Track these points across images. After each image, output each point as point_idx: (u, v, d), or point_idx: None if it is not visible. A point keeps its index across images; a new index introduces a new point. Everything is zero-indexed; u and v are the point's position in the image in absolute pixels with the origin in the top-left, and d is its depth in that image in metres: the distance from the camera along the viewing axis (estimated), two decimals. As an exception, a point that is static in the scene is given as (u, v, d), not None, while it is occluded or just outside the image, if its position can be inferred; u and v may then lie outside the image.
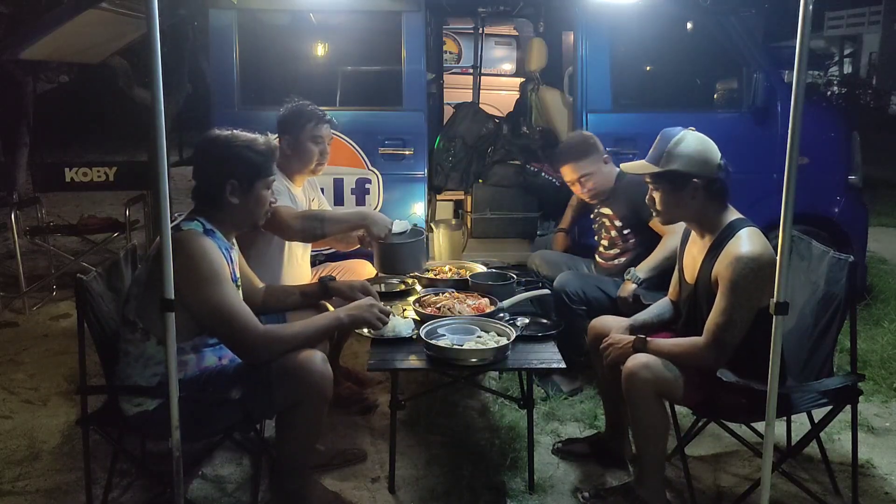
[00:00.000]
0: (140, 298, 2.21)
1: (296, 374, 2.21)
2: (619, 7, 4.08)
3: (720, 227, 2.36)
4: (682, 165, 2.34)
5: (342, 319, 2.37)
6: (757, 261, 2.20)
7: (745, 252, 2.21)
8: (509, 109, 5.76)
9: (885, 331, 4.08)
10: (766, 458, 2.04)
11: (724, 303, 2.22)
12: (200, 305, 2.13)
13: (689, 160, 2.34)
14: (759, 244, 2.25)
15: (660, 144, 2.40)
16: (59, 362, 3.81)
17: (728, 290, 2.21)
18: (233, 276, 2.29)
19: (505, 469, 2.74)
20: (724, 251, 2.28)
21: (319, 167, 3.17)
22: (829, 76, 21.79)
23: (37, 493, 2.63)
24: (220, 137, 2.30)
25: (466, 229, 4.40)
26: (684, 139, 2.36)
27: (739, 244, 2.25)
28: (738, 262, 2.20)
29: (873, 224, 5.22)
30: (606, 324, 2.66)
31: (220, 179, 2.24)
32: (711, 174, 2.34)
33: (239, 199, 2.28)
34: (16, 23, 6.96)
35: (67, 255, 5.14)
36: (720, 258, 2.28)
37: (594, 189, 3.36)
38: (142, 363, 2.20)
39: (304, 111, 3.11)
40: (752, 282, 2.19)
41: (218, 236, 2.27)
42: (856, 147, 4.36)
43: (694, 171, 2.33)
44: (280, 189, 2.99)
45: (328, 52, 4.84)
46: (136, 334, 2.20)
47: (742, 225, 2.32)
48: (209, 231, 2.24)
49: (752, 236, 2.27)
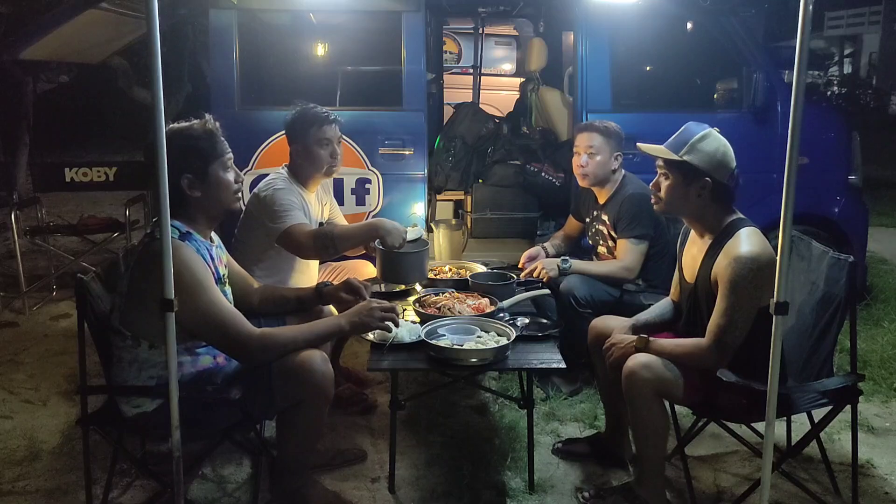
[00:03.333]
0: (123, 308, 2.19)
1: (297, 374, 2.21)
2: (619, 7, 4.07)
3: (720, 227, 2.36)
4: (699, 161, 2.34)
5: (343, 327, 2.33)
6: (756, 260, 2.20)
7: (745, 252, 2.21)
8: (509, 109, 5.76)
9: (885, 331, 4.09)
10: (766, 458, 2.04)
11: (724, 304, 2.23)
12: (190, 315, 2.09)
13: (707, 158, 2.34)
14: (758, 244, 2.25)
15: (683, 135, 2.40)
16: (59, 362, 3.81)
17: (728, 290, 2.22)
18: (216, 274, 2.25)
19: (505, 469, 2.74)
20: (723, 251, 2.28)
21: (332, 169, 3.15)
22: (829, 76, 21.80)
23: (37, 493, 2.63)
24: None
25: (466, 229, 4.40)
26: (709, 136, 2.37)
27: (739, 244, 2.25)
28: (737, 263, 2.21)
29: (873, 224, 5.20)
30: (608, 324, 2.67)
31: (175, 178, 2.13)
32: (723, 178, 2.35)
33: (200, 190, 2.22)
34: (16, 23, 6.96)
35: (67, 255, 5.14)
36: (719, 258, 2.28)
37: (592, 170, 3.32)
38: (136, 367, 2.19)
39: (307, 116, 3.09)
40: (751, 282, 2.19)
41: (195, 237, 2.22)
42: (856, 147, 4.36)
43: (709, 169, 2.34)
44: (293, 203, 2.97)
45: (328, 52, 4.84)
46: (126, 341, 2.19)
47: (741, 225, 2.32)
48: (186, 234, 2.19)
49: (751, 236, 2.27)
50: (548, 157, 4.39)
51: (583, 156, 3.33)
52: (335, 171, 3.18)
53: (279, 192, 2.97)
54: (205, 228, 2.30)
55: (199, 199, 2.23)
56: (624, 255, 3.22)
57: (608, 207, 3.35)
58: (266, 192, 3.00)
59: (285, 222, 2.90)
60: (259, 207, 2.98)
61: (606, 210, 3.36)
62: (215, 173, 2.24)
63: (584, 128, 3.40)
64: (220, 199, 2.27)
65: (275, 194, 2.96)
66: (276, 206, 2.92)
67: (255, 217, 3.01)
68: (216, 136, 2.27)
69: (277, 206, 2.92)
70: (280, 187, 3.00)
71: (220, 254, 2.39)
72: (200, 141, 2.23)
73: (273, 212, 2.92)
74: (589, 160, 3.31)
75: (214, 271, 2.25)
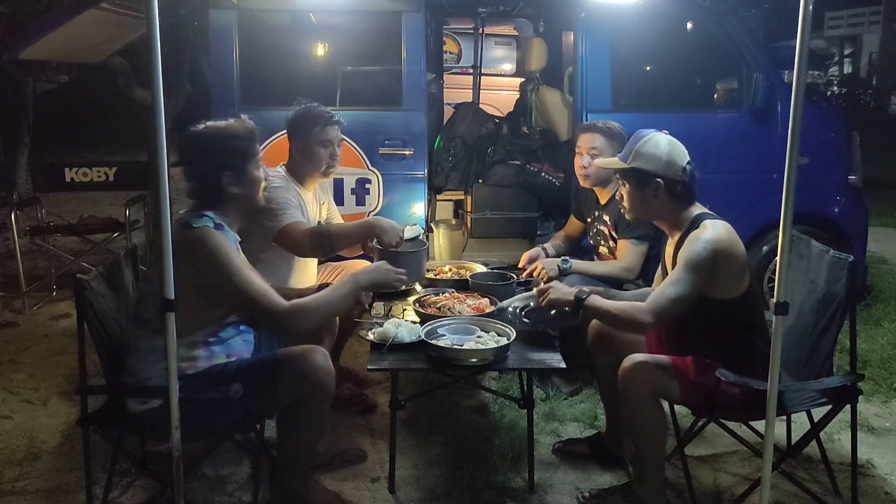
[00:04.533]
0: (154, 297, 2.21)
1: (298, 371, 2.22)
2: (619, 7, 4.07)
3: (686, 222, 2.42)
4: (646, 164, 2.41)
5: (360, 282, 2.41)
6: (714, 243, 2.26)
7: (704, 235, 2.29)
8: (509, 109, 5.75)
9: (885, 331, 4.08)
10: (766, 458, 2.04)
11: (674, 275, 2.30)
12: (235, 295, 2.19)
13: (654, 160, 2.40)
14: (720, 232, 2.31)
15: (630, 143, 2.49)
16: (59, 362, 3.81)
17: (682, 263, 2.29)
18: None
19: (505, 469, 2.74)
20: (687, 238, 2.35)
21: (330, 170, 3.16)
22: (829, 76, 21.78)
23: (37, 493, 2.63)
24: (203, 134, 2.32)
25: (466, 229, 4.40)
26: (652, 139, 2.44)
27: (702, 231, 2.32)
28: (694, 242, 2.29)
29: (873, 224, 5.21)
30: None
31: (216, 174, 2.27)
32: (675, 176, 2.40)
33: (237, 187, 2.31)
34: (16, 23, 6.96)
35: (67, 255, 5.14)
36: (684, 244, 2.34)
37: (594, 171, 3.31)
38: (154, 357, 2.21)
39: (311, 114, 3.09)
40: (704, 259, 2.25)
41: (226, 230, 2.29)
42: (856, 147, 4.36)
43: (657, 171, 2.40)
44: (290, 201, 2.98)
45: (328, 52, 4.84)
46: (147, 329, 2.22)
47: (707, 217, 2.38)
48: (219, 226, 2.26)
49: (714, 226, 2.33)
50: (548, 157, 4.39)
51: (585, 156, 3.33)
52: (333, 172, 3.19)
53: (276, 190, 2.97)
54: (234, 223, 2.37)
55: (236, 195, 2.32)
56: (624, 256, 3.22)
57: (610, 208, 3.34)
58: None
59: (282, 220, 2.90)
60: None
61: (608, 210, 3.35)
62: (251, 171, 2.34)
63: (586, 128, 3.40)
64: (253, 196, 2.38)
65: (272, 192, 2.96)
66: (273, 205, 2.92)
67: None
68: (254, 136, 2.37)
69: (274, 204, 2.93)
70: (277, 185, 3.00)
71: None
72: (243, 140, 2.33)
73: (270, 210, 2.92)
74: (591, 161, 3.31)
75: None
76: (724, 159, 3.98)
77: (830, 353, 2.42)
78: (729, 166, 3.98)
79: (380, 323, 2.61)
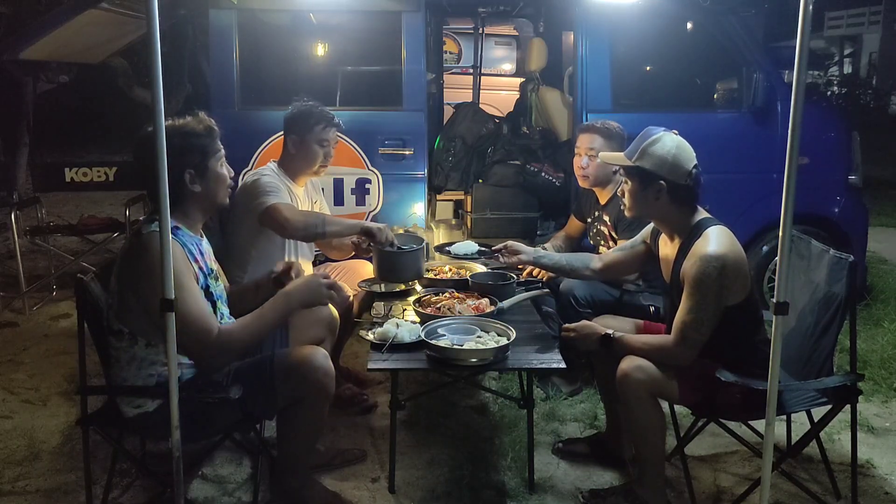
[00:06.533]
0: (117, 307, 2.20)
1: (298, 371, 2.22)
2: (619, 7, 4.07)
3: (688, 228, 2.39)
4: (651, 165, 2.38)
5: (292, 301, 2.31)
6: (721, 259, 2.23)
7: (710, 251, 2.25)
8: (509, 109, 5.75)
9: (885, 331, 4.08)
10: (766, 458, 2.04)
11: (689, 301, 2.26)
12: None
13: (659, 161, 2.37)
14: (725, 243, 2.28)
15: (638, 140, 2.45)
16: (59, 362, 3.81)
17: (693, 288, 2.25)
18: (205, 268, 2.27)
19: (505, 469, 2.74)
20: (691, 251, 2.31)
21: (322, 169, 3.21)
22: (829, 76, 21.77)
23: (37, 493, 2.63)
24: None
25: (466, 229, 4.40)
26: (661, 140, 2.40)
27: (706, 244, 2.28)
28: (702, 261, 2.24)
29: (873, 224, 5.21)
30: (608, 324, 2.66)
31: (177, 173, 2.16)
32: (679, 180, 2.37)
33: (200, 184, 2.26)
34: (16, 23, 6.96)
35: (67, 255, 5.14)
36: (687, 257, 2.32)
37: (593, 171, 3.31)
38: (135, 366, 2.19)
39: (314, 113, 3.13)
40: (716, 280, 2.22)
41: (183, 232, 2.23)
42: (856, 147, 4.36)
43: (662, 172, 2.37)
44: (279, 187, 3.01)
45: (328, 52, 4.83)
46: (122, 341, 2.20)
47: (709, 224, 2.35)
48: (173, 230, 2.16)
49: (718, 235, 2.30)
50: (548, 157, 4.39)
51: (583, 157, 3.32)
52: (324, 171, 3.24)
53: (265, 177, 3.03)
54: (197, 223, 2.33)
55: (198, 193, 2.27)
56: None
57: (609, 208, 3.34)
58: (252, 179, 3.06)
59: (269, 199, 2.92)
60: (244, 195, 3.02)
61: (608, 210, 3.35)
62: (214, 168, 2.29)
63: (585, 129, 3.40)
64: (217, 193, 2.32)
65: (261, 179, 3.02)
66: (260, 188, 2.96)
67: (241, 206, 3.02)
68: (214, 133, 2.32)
69: (261, 187, 2.96)
70: (266, 174, 3.07)
71: (209, 248, 2.41)
72: (201, 137, 2.27)
73: (257, 193, 2.95)
74: (590, 162, 3.31)
75: (203, 266, 2.27)
76: (724, 159, 3.97)
77: (830, 353, 2.42)
78: (729, 166, 3.97)
79: (380, 323, 2.61)
